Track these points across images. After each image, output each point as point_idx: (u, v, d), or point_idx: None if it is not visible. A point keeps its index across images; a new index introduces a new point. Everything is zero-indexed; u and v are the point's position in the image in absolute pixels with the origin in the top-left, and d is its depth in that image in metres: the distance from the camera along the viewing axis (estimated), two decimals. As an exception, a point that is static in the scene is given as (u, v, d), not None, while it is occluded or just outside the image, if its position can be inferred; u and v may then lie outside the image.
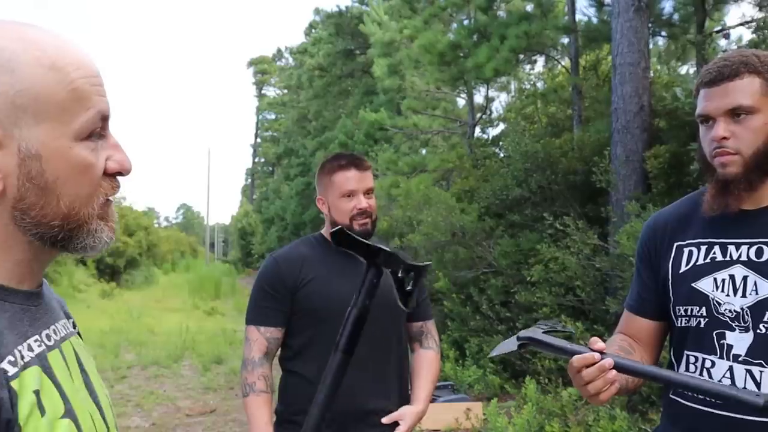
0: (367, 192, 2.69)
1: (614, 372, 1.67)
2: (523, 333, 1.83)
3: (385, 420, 2.64)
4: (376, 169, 15.09)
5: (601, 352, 1.69)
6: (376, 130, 15.87)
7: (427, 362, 2.86)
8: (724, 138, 1.79)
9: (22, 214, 0.93)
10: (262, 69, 52.60)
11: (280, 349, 2.76)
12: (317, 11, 27.52)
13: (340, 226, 1.90)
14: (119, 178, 1.02)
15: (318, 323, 2.63)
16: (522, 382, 6.81)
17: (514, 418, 6.00)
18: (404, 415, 2.67)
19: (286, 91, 38.54)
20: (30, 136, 0.91)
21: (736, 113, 1.78)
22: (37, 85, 0.91)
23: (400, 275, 1.64)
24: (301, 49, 30.59)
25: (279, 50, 51.13)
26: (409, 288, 1.66)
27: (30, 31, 0.94)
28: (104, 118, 0.98)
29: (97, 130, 0.97)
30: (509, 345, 1.82)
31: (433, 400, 6.70)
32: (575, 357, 1.71)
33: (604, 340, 1.80)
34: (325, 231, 2.81)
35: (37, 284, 1.02)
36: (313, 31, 29.23)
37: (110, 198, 1.00)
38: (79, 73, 0.94)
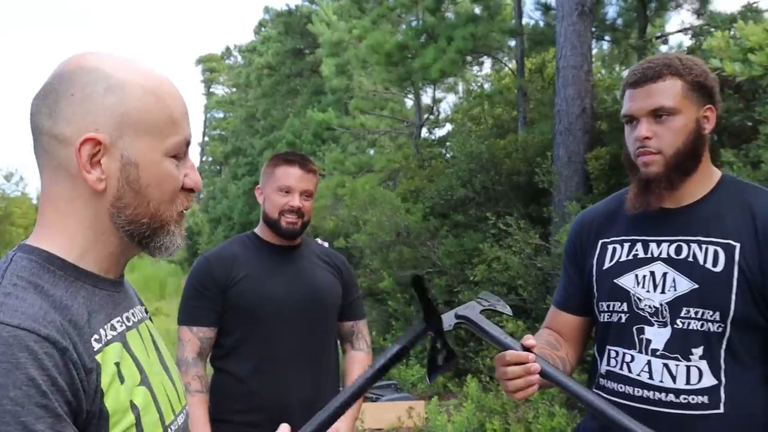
0: (305, 193, 2.68)
1: (537, 377, 1.71)
2: (461, 310, 1.85)
3: None
4: (323, 169, 15.04)
5: (531, 350, 1.72)
6: (324, 129, 15.82)
7: (358, 365, 2.86)
8: (647, 138, 1.84)
9: (119, 212, 1.11)
10: (211, 67, 51.96)
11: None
12: (267, 10, 27.31)
13: (419, 274, 1.86)
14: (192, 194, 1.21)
15: (250, 321, 2.60)
16: (464, 381, 6.84)
17: (453, 416, 6.03)
18: (339, 427, 2.67)
19: (234, 89, 38.13)
20: (131, 146, 1.10)
21: (658, 114, 1.83)
22: (140, 106, 1.10)
23: (438, 346, 1.63)
24: (250, 48, 30.30)
25: (228, 48, 50.49)
26: (439, 363, 1.66)
27: (138, 63, 1.15)
28: (187, 143, 1.18)
29: (183, 152, 1.16)
30: (447, 320, 1.83)
31: (376, 399, 6.75)
32: (510, 352, 1.73)
33: None
34: (259, 228, 2.80)
35: (120, 274, 1.20)
36: (263, 29, 28.96)
37: (184, 210, 1.19)
38: (174, 103, 1.15)
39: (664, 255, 1.87)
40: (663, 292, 1.84)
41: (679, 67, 1.84)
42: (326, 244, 3.33)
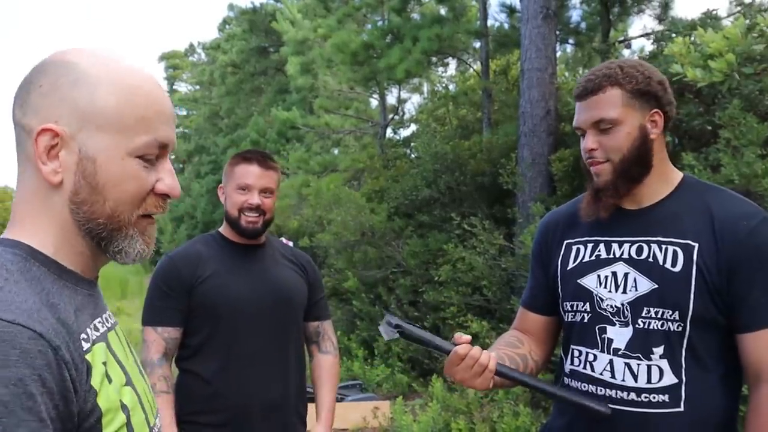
0: (265, 191, 2.68)
1: (487, 360, 1.83)
2: (393, 320, 1.90)
3: None
4: (287, 168, 14.98)
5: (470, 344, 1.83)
6: (289, 128, 15.75)
7: (326, 370, 2.86)
8: (593, 149, 1.89)
9: (77, 207, 1.09)
10: (174, 64, 51.37)
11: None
12: (231, 7, 27.02)
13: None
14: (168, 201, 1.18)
15: (215, 321, 2.59)
16: (429, 381, 6.87)
17: (419, 416, 6.05)
18: None
19: (198, 87, 37.75)
20: (91, 141, 1.08)
21: (600, 127, 1.88)
22: (106, 103, 1.08)
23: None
24: (214, 45, 30.00)
25: (191, 45, 50.00)
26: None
27: (123, 61, 1.14)
28: (163, 146, 1.14)
29: (153, 154, 1.13)
30: (389, 333, 1.89)
31: (341, 400, 6.75)
32: (461, 347, 1.82)
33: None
34: (223, 228, 2.79)
35: (94, 277, 1.19)
36: (227, 27, 28.72)
37: (153, 215, 1.16)
38: (148, 103, 1.12)
39: (625, 255, 1.90)
40: (624, 292, 1.87)
41: (619, 76, 1.87)
42: (291, 244, 3.33)
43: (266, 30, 22.05)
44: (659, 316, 1.81)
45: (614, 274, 1.91)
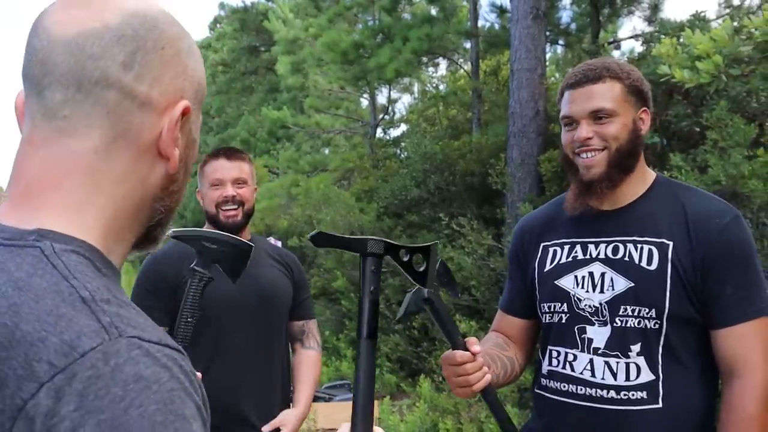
0: (237, 181, 2.66)
1: (484, 378, 1.81)
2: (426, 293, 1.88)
3: (265, 429, 2.62)
4: (276, 168, 14.95)
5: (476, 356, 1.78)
6: (279, 128, 15.74)
7: (307, 363, 2.85)
8: (588, 138, 1.88)
9: (167, 196, 0.92)
10: (164, 63, 51.32)
11: None
12: (222, 6, 26.97)
13: (317, 231, 1.83)
14: None
15: (200, 321, 2.54)
16: (417, 381, 6.87)
17: (406, 416, 6.05)
18: (286, 420, 2.65)
19: (188, 86, 37.74)
20: (196, 122, 0.93)
21: (597, 116, 1.87)
22: (202, 75, 0.93)
23: (404, 259, 1.62)
24: (204, 44, 29.93)
25: (182, 44, 50.01)
26: (422, 269, 1.67)
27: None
28: None
29: None
30: (411, 307, 1.86)
31: (329, 399, 6.74)
32: (461, 354, 1.77)
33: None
34: (206, 228, 2.75)
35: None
36: (218, 25, 28.67)
37: None
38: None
39: (602, 255, 1.92)
40: (602, 291, 1.89)
41: (617, 71, 1.90)
42: (279, 243, 3.31)
43: (257, 29, 22.01)
44: (636, 314, 1.83)
45: (591, 274, 1.92)
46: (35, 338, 0.69)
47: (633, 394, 1.82)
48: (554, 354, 1.99)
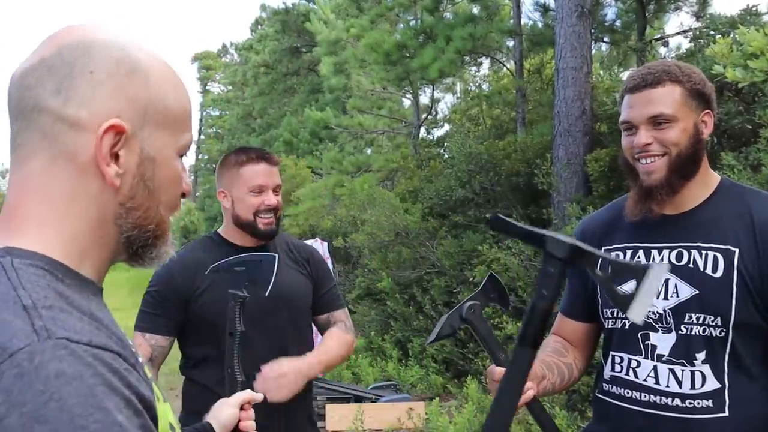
0: (276, 189, 2.62)
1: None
2: (466, 312, 1.89)
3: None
4: (320, 168, 15.03)
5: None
6: (321, 128, 15.84)
7: (332, 334, 2.74)
8: (648, 144, 1.85)
9: (127, 213, 0.97)
10: (207, 64, 51.82)
11: (180, 355, 2.68)
12: (263, 7, 27.24)
13: (496, 214, 1.72)
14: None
15: (214, 338, 2.40)
16: (464, 382, 6.85)
17: (455, 417, 6.04)
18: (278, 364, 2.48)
19: (230, 87, 38.08)
20: (150, 139, 0.97)
21: (657, 121, 1.84)
22: (162, 95, 0.98)
23: (598, 273, 1.39)
24: (246, 46, 30.25)
25: (224, 46, 50.44)
26: (628, 292, 1.41)
27: (147, 45, 1.02)
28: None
29: (187, 152, 1.05)
30: (447, 329, 1.88)
31: (375, 400, 6.75)
32: (500, 372, 1.77)
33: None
34: (223, 229, 2.72)
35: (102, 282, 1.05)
36: (259, 27, 28.91)
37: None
38: (187, 96, 1.04)
39: (665, 261, 1.88)
40: (666, 298, 1.86)
41: (678, 74, 1.86)
42: (325, 244, 3.28)
43: (298, 30, 22.17)
44: (701, 321, 1.80)
45: None
46: None
47: (698, 403, 1.79)
48: (617, 360, 1.97)
